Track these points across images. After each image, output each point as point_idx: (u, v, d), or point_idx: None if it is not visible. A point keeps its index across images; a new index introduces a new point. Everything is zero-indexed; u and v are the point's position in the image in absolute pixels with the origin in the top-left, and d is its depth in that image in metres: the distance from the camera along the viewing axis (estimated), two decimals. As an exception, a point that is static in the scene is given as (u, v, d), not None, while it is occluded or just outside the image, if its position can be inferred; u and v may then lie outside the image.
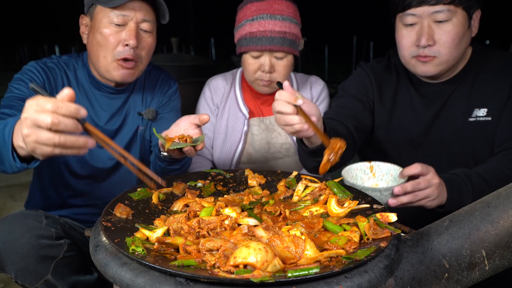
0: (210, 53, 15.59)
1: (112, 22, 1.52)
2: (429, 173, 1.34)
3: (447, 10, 1.48)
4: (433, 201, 1.36)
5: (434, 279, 1.05)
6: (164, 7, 1.58)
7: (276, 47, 1.73)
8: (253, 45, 1.74)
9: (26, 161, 1.13)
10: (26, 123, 0.94)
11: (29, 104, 0.95)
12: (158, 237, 0.93)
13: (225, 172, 1.42)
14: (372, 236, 0.94)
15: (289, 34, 1.75)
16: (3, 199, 3.58)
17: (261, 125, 1.94)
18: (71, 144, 0.96)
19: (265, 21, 1.73)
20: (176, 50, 3.88)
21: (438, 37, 1.51)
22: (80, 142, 0.97)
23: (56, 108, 0.92)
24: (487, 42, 16.93)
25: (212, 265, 0.83)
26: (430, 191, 1.34)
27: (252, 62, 1.79)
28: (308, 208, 1.14)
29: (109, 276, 0.85)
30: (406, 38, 1.58)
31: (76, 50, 15.98)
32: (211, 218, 1.02)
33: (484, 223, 1.06)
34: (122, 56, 1.54)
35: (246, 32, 1.77)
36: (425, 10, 1.50)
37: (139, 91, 1.77)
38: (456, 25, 1.50)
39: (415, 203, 1.35)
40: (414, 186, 1.32)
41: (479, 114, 1.61)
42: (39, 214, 1.46)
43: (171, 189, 1.27)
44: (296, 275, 0.77)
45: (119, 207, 1.08)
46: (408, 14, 1.54)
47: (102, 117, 1.68)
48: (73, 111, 0.94)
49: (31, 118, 0.93)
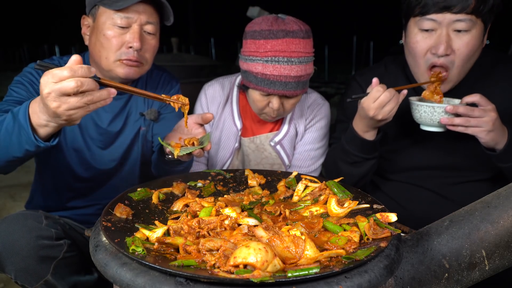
0: (210, 53, 15.59)
1: (116, 24, 1.50)
2: (489, 105, 1.36)
3: (469, 20, 1.42)
4: (487, 133, 1.37)
5: (434, 279, 1.05)
6: (169, 9, 1.56)
7: (289, 92, 1.61)
8: (265, 87, 1.61)
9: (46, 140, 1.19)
10: (50, 97, 1.02)
11: (45, 80, 1.02)
12: (158, 237, 0.93)
13: (225, 172, 1.42)
14: (372, 236, 0.94)
15: (304, 76, 1.63)
16: (3, 199, 3.58)
17: (251, 145, 1.87)
18: (97, 98, 1.06)
19: (281, 66, 1.58)
20: (176, 50, 3.88)
21: (457, 47, 1.45)
22: (104, 94, 1.07)
23: (73, 72, 1.01)
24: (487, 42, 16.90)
25: (212, 265, 0.83)
26: (484, 121, 1.35)
27: (261, 99, 1.68)
28: (308, 208, 1.14)
29: (109, 276, 0.85)
30: (422, 44, 1.50)
31: (76, 50, 15.99)
32: (211, 218, 1.02)
33: (484, 223, 1.06)
34: (125, 57, 1.53)
35: (258, 71, 1.62)
36: (446, 17, 1.43)
37: None
38: (474, 37, 1.45)
39: (468, 129, 1.38)
40: (468, 110, 1.34)
41: None
42: (39, 214, 1.46)
43: (171, 189, 1.27)
44: (296, 275, 0.77)
45: (119, 207, 1.08)
46: (427, 19, 1.47)
47: (104, 118, 1.67)
48: (87, 71, 1.03)
49: (54, 90, 1.01)
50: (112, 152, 1.70)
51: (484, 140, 1.39)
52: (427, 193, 1.70)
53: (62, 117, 1.06)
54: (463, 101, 1.42)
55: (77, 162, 1.67)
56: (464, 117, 1.37)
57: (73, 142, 1.65)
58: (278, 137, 1.85)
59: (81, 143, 1.65)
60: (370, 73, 1.81)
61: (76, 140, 1.65)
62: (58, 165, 1.67)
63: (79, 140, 1.65)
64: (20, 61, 20.13)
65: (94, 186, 1.74)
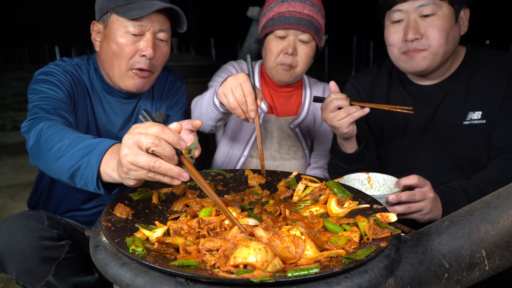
0: (210, 53, 15.58)
1: (129, 32, 1.48)
2: (426, 186, 1.35)
3: (432, 4, 1.50)
4: (426, 215, 1.37)
5: (434, 279, 1.05)
6: (183, 18, 1.55)
7: (303, 28, 1.73)
8: (281, 24, 1.74)
9: (107, 188, 1.12)
10: (127, 143, 0.94)
11: (135, 127, 0.95)
12: (158, 237, 0.93)
13: (225, 172, 1.42)
14: (372, 236, 0.94)
15: (316, 21, 1.76)
16: (3, 199, 3.58)
17: (276, 123, 1.95)
18: (164, 171, 0.94)
19: (295, 3, 1.74)
20: (176, 50, 3.86)
21: (424, 30, 1.53)
22: (174, 172, 0.95)
23: (161, 132, 0.93)
24: (487, 42, 16.90)
25: (212, 265, 0.83)
26: (424, 204, 1.34)
27: (276, 44, 1.78)
28: (308, 208, 1.14)
29: (109, 276, 0.85)
30: (393, 34, 1.60)
31: (76, 50, 15.97)
32: (211, 218, 1.02)
33: (484, 223, 1.06)
34: (138, 66, 1.52)
35: (274, 13, 1.77)
36: (410, 5, 1.52)
37: (148, 94, 1.75)
38: (442, 18, 1.51)
39: (408, 215, 1.36)
40: (409, 197, 1.33)
41: (474, 117, 1.60)
42: (41, 215, 1.45)
43: (171, 189, 1.27)
44: (296, 275, 0.77)
45: (119, 207, 1.08)
46: (395, 11, 1.56)
47: (116, 123, 1.66)
48: (175, 139, 0.94)
49: (133, 138, 0.93)
50: None
51: (424, 221, 1.38)
52: None
53: (123, 168, 0.97)
54: (400, 183, 1.37)
55: None
56: (405, 205, 1.35)
57: None
58: (297, 121, 1.96)
59: None
60: (364, 75, 1.86)
61: None
62: None
63: None
64: (20, 61, 20.10)
65: None
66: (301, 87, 2.01)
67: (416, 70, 1.60)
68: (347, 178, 1.49)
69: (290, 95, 1.98)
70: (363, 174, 1.51)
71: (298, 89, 2.00)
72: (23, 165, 4.48)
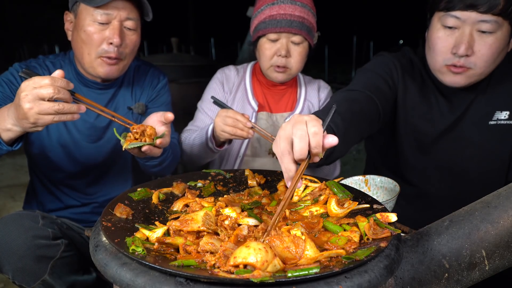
0: (210, 53, 15.59)
1: (96, 20, 1.53)
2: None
3: (495, 22, 1.35)
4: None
5: (434, 279, 1.05)
6: (147, 6, 1.60)
7: (295, 30, 1.75)
8: (272, 27, 1.76)
9: (10, 145, 1.31)
10: (27, 99, 1.13)
11: (26, 84, 1.14)
12: (158, 237, 0.93)
13: (225, 172, 1.43)
14: (372, 236, 0.94)
15: (307, 21, 1.78)
16: (3, 199, 3.58)
17: (269, 120, 1.96)
18: (67, 110, 1.18)
19: (285, 5, 1.75)
20: (176, 50, 3.86)
21: (478, 48, 1.39)
22: (74, 108, 1.20)
23: (53, 81, 1.15)
24: None
25: (212, 265, 0.83)
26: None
27: (269, 47, 1.80)
28: (308, 208, 1.14)
29: (109, 276, 0.85)
30: (443, 41, 1.44)
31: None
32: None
33: (484, 223, 1.06)
34: (106, 54, 1.56)
35: (265, 16, 1.79)
36: (471, 16, 1.36)
37: (127, 86, 1.78)
38: (499, 39, 1.38)
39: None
40: None
41: (501, 117, 1.53)
42: (36, 214, 1.46)
43: (171, 189, 1.27)
44: (296, 275, 0.77)
45: (119, 207, 1.08)
46: (451, 16, 1.40)
47: (91, 113, 1.68)
48: (65, 84, 1.19)
49: (32, 93, 1.13)
50: (101, 147, 1.72)
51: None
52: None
53: (30, 120, 1.16)
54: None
55: (65, 158, 1.68)
56: None
57: (59, 138, 1.66)
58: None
59: (67, 139, 1.66)
60: (400, 56, 1.68)
61: (62, 136, 1.66)
62: (47, 163, 1.68)
63: (65, 135, 1.66)
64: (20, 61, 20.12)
65: (88, 183, 1.74)
66: (295, 84, 2.03)
67: (454, 86, 1.50)
68: (343, 182, 1.47)
69: (283, 93, 2.00)
70: (360, 177, 1.50)
71: (291, 87, 2.02)
72: (23, 165, 4.48)
